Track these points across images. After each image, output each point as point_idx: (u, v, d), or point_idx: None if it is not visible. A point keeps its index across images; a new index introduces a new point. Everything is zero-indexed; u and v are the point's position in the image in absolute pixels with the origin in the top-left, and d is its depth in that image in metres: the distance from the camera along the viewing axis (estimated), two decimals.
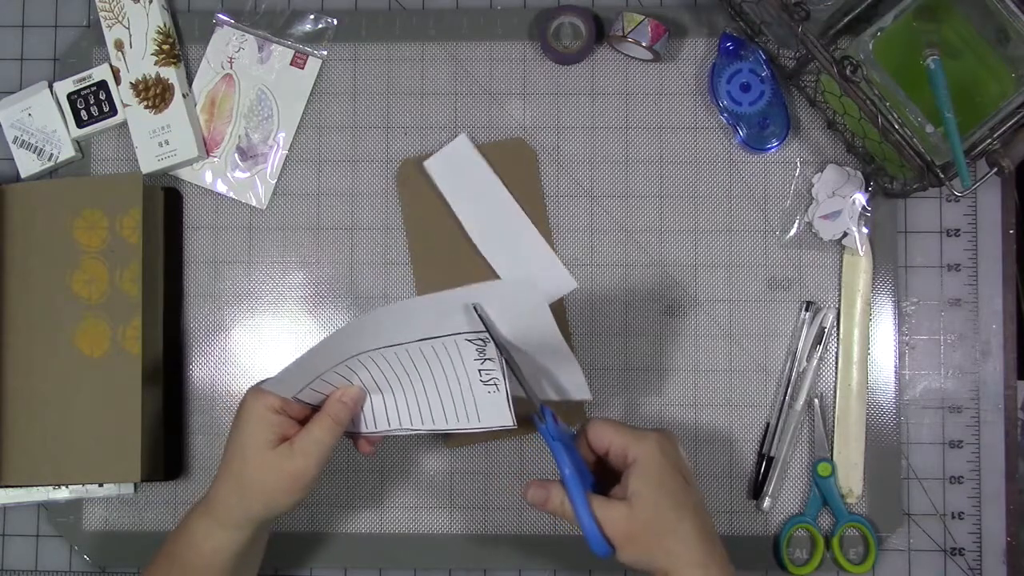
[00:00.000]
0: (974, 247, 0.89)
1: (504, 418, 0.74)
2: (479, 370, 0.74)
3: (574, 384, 0.79)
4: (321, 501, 0.88)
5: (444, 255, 0.89)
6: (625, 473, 0.72)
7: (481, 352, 0.73)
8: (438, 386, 0.76)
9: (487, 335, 0.72)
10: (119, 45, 0.90)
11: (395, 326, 0.72)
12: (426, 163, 0.88)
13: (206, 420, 0.90)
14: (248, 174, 0.91)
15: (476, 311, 0.71)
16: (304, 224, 0.91)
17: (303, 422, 0.75)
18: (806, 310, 0.88)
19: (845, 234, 0.87)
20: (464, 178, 0.88)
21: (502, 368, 0.73)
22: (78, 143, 0.91)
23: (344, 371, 0.74)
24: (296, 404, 0.74)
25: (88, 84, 0.90)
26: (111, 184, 0.87)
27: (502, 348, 0.72)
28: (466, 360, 0.74)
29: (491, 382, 0.74)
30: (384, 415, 0.77)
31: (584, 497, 0.71)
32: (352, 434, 0.78)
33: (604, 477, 0.75)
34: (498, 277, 0.88)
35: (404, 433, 0.77)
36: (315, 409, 0.76)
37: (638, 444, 0.72)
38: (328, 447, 0.73)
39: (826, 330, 0.87)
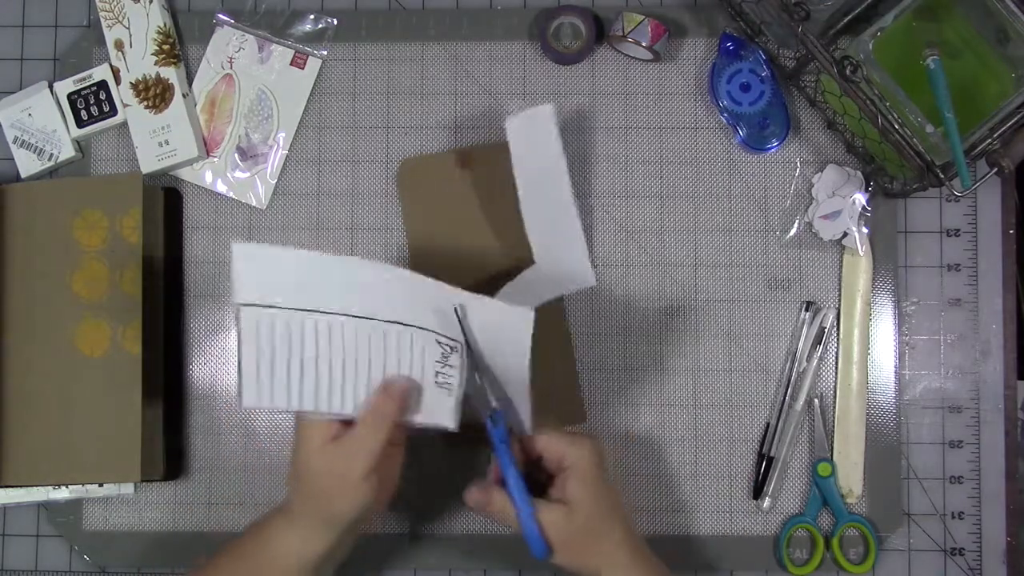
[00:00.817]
0: (974, 247, 0.89)
1: (448, 420, 0.74)
2: (436, 372, 0.73)
3: (522, 418, 0.77)
4: None
5: (444, 255, 0.89)
6: (562, 477, 0.74)
7: (444, 356, 0.73)
8: (386, 372, 0.74)
9: (457, 344, 0.72)
10: (119, 45, 0.90)
11: (378, 291, 0.71)
12: (507, 121, 0.82)
13: (206, 420, 0.90)
14: (248, 174, 0.91)
15: (456, 314, 0.71)
16: (304, 224, 0.91)
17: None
18: (806, 310, 0.88)
19: (845, 234, 0.87)
20: (535, 147, 0.82)
21: (461, 377, 0.73)
22: (78, 143, 0.91)
23: (309, 323, 0.71)
24: None
25: (88, 84, 0.90)
26: (111, 184, 0.87)
27: (476, 359, 0.72)
28: (427, 358, 0.73)
29: (445, 385, 0.73)
30: (313, 393, 0.73)
31: (529, 503, 0.72)
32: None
33: (533, 477, 0.76)
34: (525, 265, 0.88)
35: (327, 419, 0.73)
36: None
37: (573, 449, 0.74)
38: (373, 445, 0.70)
39: (826, 330, 0.87)
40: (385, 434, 0.71)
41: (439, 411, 0.74)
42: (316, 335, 0.72)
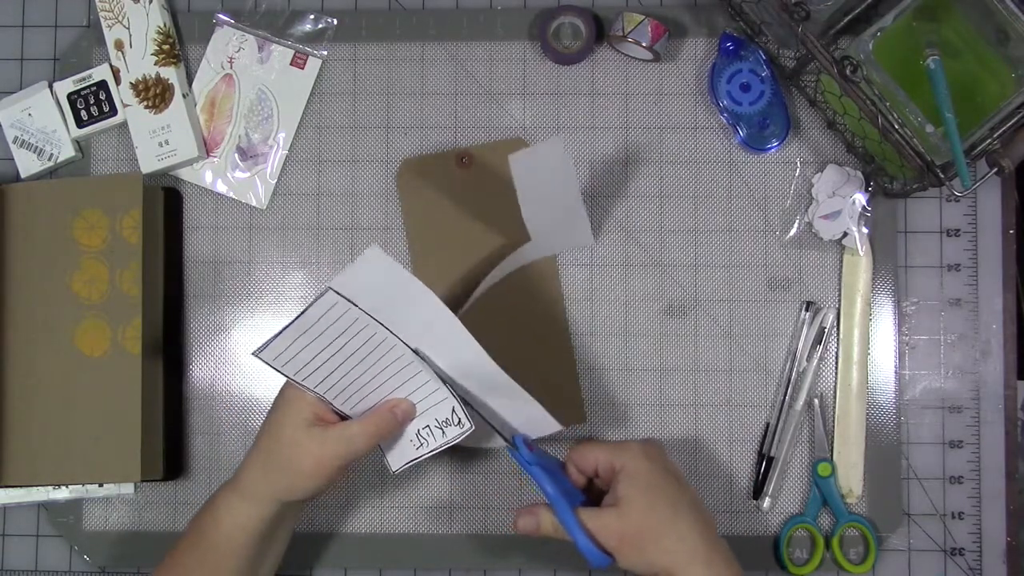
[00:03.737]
0: (974, 247, 0.89)
1: (395, 464, 0.79)
2: (428, 425, 0.77)
3: (537, 420, 0.78)
4: (321, 501, 0.88)
5: (444, 255, 0.89)
6: (613, 482, 0.74)
7: (447, 423, 0.75)
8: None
9: (467, 426, 0.74)
10: (119, 45, 0.90)
11: (445, 344, 0.73)
12: (511, 156, 0.78)
13: (206, 420, 0.90)
14: (248, 174, 0.91)
15: (419, 355, 0.73)
16: (304, 224, 0.91)
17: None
18: (806, 310, 0.88)
19: (845, 234, 0.87)
20: (543, 181, 0.80)
21: (438, 448, 0.76)
22: (78, 143, 0.91)
23: (369, 330, 0.73)
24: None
25: (88, 84, 0.90)
26: (111, 184, 0.87)
27: (461, 392, 0.74)
28: (434, 411, 0.76)
29: (423, 439, 0.77)
30: (328, 381, 0.75)
31: (571, 512, 0.71)
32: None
33: (598, 497, 0.76)
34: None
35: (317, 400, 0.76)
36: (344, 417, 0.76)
37: (622, 454, 0.74)
38: (359, 447, 0.73)
39: (826, 330, 0.87)
40: (374, 441, 0.74)
41: (396, 452, 0.78)
42: (367, 341, 0.73)
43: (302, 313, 0.70)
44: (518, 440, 0.75)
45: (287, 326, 0.70)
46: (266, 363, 0.72)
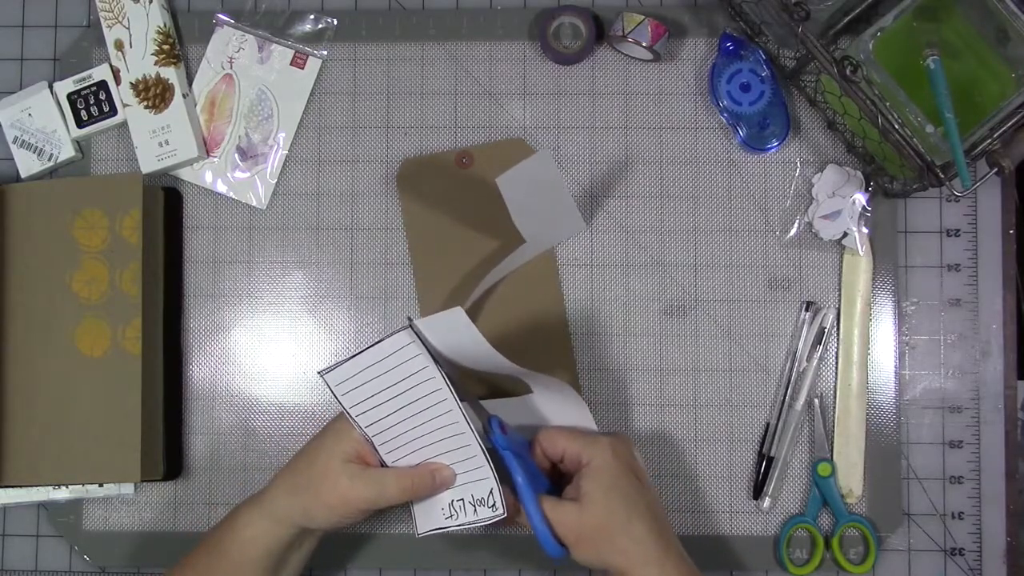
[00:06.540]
0: (974, 247, 0.89)
1: (421, 527, 0.78)
2: (463, 498, 0.76)
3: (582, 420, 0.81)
4: None
5: (444, 255, 0.89)
6: (577, 475, 0.74)
7: (482, 502, 0.75)
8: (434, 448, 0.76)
9: (500, 509, 0.73)
10: (119, 45, 0.90)
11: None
12: (498, 180, 0.80)
13: (206, 420, 0.90)
14: (248, 174, 0.91)
15: (413, 328, 0.71)
16: (304, 224, 0.91)
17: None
18: (806, 310, 0.88)
19: (845, 234, 0.87)
20: (532, 191, 0.82)
21: (466, 523, 0.75)
22: (78, 143, 0.91)
23: (430, 385, 0.72)
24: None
25: (88, 84, 0.90)
26: (111, 184, 0.87)
27: (443, 366, 0.73)
28: (473, 487, 0.75)
29: (454, 510, 0.76)
30: (377, 423, 0.75)
31: (535, 501, 0.72)
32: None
33: (560, 482, 0.76)
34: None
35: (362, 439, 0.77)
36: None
37: (591, 448, 0.75)
38: (388, 497, 0.73)
39: (826, 330, 0.87)
40: (405, 497, 0.74)
41: (425, 515, 0.77)
42: (427, 396, 0.73)
43: (375, 343, 0.71)
44: (493, 423, 0.74)
45: (358, 353, 0.71)
46: (328, 387, 0.72)
